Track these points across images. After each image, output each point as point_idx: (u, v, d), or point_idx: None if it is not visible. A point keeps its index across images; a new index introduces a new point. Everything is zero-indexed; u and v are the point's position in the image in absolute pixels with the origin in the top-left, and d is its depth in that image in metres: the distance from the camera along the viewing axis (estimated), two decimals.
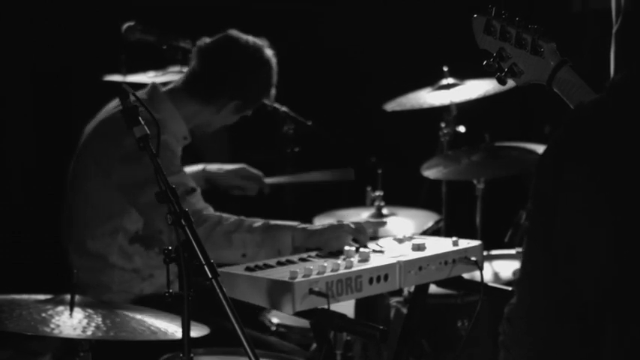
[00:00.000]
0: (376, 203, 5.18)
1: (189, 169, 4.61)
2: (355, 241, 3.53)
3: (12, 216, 6.57)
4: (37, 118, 6.80)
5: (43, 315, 2.94)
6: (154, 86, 4.22)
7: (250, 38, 4.24)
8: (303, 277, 3.00)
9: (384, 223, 3.80)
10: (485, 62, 3.07)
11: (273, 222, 3.79)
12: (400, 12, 6.90)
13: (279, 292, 2.97)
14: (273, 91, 4.30)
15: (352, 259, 3.19)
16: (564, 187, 2.14)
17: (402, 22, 6.88)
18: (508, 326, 2.27)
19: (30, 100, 6.81)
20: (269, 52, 4.24)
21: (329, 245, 3.52)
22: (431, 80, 5.23)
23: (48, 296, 3.11)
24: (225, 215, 3.84)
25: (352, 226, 3.58)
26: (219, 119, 4.27)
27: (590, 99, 2.28)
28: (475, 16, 3.12)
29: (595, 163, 2.13)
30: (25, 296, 3.13)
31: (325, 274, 3.04)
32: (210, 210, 3.90)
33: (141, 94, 4.20)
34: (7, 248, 6.27)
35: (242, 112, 4.28)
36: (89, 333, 2.87)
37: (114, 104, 4.17)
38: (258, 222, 3.79)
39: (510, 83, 3.12)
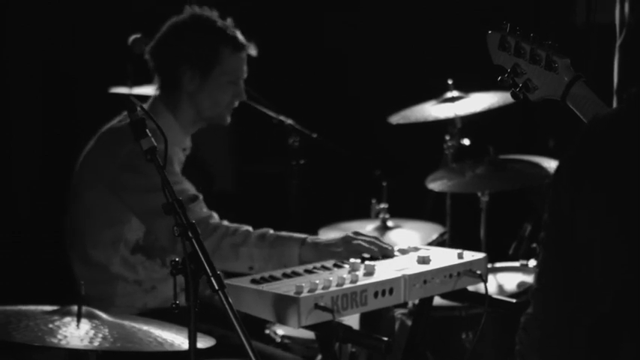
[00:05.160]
0: (381, 215, 5.19)
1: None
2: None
3: (18, 228, 6.59)
4: (44, 130, 6.83)
5: (50, 326, 2.95)
6: (156, 98, 4.26)
7: (181, 14, 4.28)
8: (309, 291, 3.01)
9: (391, 251, 3.61)
10: (499, 78, 3.09)
11: (281, 234, 3.80)
12: (405, 25, 6.92)
13: (284, 306, 2.98)
14: (227, 38, 4.23)
15: (357, 273, 3.20)
16: (580, 203, 2.16)
17: (407, 35, 6.90)
18: (524, 335, 2.29)
19: (37, 111, 6.83)
20: (201, 11, 4.25)
21: (336, 259, 3.53)
22: (435, 93, 5.25)
23: (54, 307, 3.13)
24: (232, 226, 3.85)
25: (360, 242, 3.58)
26: (203, 95, 4.22)
27: (604, 112, 2.30)
28: (490, 32, 3.14)
29: (611, 179, 2.15)
30: (32, 307, 3.15)
31: (330, 289, 3.05)
32: (215, 218, 3.91)
33: (144, 105, 4.23)
34: (14, 260, 6.29)
35: (208, 73, 4.22)
36: (96, 344, 2.88)
37: (117, 119, 4.21)
38: (266, 234, 3.81)
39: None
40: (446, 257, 3.46)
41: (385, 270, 3.28)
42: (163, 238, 3.95)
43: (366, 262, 3.32)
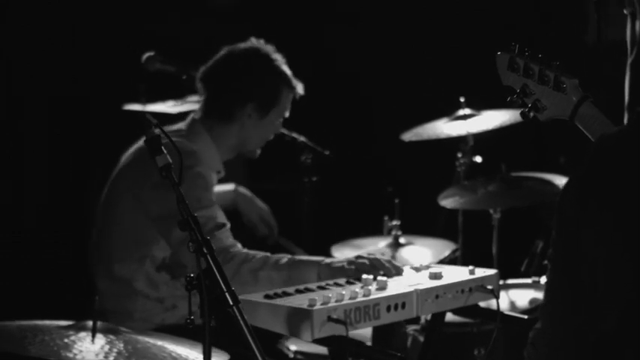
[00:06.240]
0: (393, 232, 5.20)
1: (220, 187, 4.63)
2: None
3: (32, 242, 6.61)
4: (56, 147, 6.86)
5: (66, 341, 2.97)
6: (194, 119, 4.28)
7: (241, 45, 4.30)
8: (322, 304, 3.03)
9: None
10: (509, 98, 3.12)
11: (298, 258, 3.81)
12: (418, 42, 6.95)
13: (298, 319, 3.01)
14: (288, 80, 4.31)
15: (370, 287, 3.23)
16: (586, 222, 2.18)
17: (420, 53, 6.92)
18: (533, 350, 2.31)
19: (48, 125, 6.86)
20: (263, 46, 4.31)
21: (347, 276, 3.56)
22: (448, 111, 5.27)
23: (70, 322, 3.15)
24: (251, 252, 3.86)
25: (364, 261, 3.61)
26: (254, 131, 4.29)
27: (611, 131, 2.32)
28: (499, 53, 3.17)
29: (616, 197, 2.17)
30: (47, 322, 3.17)
31: (343, 302, 3.07)
32: (238, 247, 3.92)
33: (181, 125, 4.27)
34: (28, 275, 6.31)
35: (266, 113, 4.29)
36: (111, 359, 2.90)
37: None
38: (284, 258, 3.81)
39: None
40: (458, 273, 3.48)
41: (398, 285, 3.31)
42: (185, 258, 3.95)
43: (379, 278, 3.35)
